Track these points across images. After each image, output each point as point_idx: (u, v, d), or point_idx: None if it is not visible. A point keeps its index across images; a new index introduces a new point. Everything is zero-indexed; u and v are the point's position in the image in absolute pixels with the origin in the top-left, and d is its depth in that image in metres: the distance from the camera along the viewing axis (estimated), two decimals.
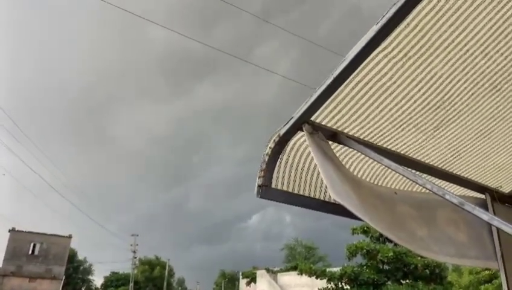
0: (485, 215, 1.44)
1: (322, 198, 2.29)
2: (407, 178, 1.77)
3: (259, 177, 2.01)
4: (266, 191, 2.05)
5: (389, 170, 2.32)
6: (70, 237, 48.14)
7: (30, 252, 44.71)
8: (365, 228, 22.83)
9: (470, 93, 1.95)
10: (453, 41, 1.67)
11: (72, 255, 59.41)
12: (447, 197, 1.52)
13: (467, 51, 1.73)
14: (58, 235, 47.10)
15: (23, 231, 45.29)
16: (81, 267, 69.32)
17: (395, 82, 1.79)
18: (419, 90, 1.86)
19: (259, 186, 2.02)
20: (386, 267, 22.23)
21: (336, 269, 23.07)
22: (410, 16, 1.50)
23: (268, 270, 37.92)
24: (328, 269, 23.80)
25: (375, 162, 2.23)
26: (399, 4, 1.42)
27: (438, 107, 1.98)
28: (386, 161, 1.76)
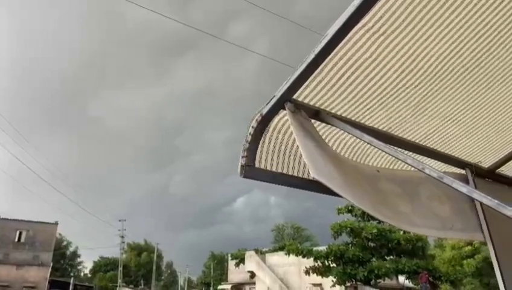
0: (464, 188, 1.47)
1: (306, 177, 2.30)
2: (389, 154, 1.79)
3: (242, 157, 2.00)
4: (250, 170, 2.05)
5: (372, 148, 2.34)
6: (56, 223, 47.82)
7: (16, 239, 44.35)
8: (350, 207, 23.23)
9: (452, 67, 1.95)
10: (434, 15, 1.66)
11: (60, 242, 59.16)
12: (427, 171, 1.54)
13: (449, 24, 1.73)
14: (44, 222, 46.72)
15: (8, 219, 44.79)
16: (68, 252, 69.08)
17: (376, 58, 1.78)
18: (400, 65, 1.86)
19: (242, 166, 2.01)
20: (371, 244, 22.73)
21: (322, 248, 23.51)
22: None
23: (257, 251, 38.41)
24: (314, 248, 24.24)
25: (358, 140, 2.24)
26: None
27: (420, 82, 1.99)
28: (368, 138, 1.77)
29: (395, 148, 2.07)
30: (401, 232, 22.01)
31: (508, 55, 1.98)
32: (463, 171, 2.67)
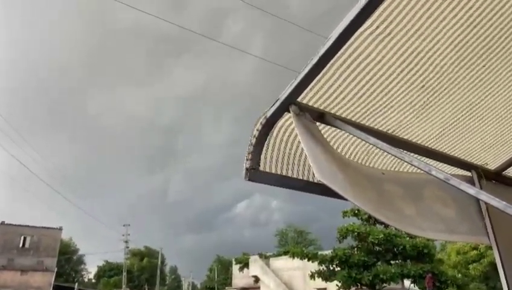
0: (472, 190, 1.45)
1: (310, 179, 2.29)
2: (394, 156, 1.78)
3: (246, 160, 2.00)
4: (254, 173, 2.04)
5: (377, 150, 2.32)
6: (60, 229, 47.92)
7: (21, 245, 44.45)
8: (356, 211, 23.12)
9: (457, 69, 1.94)
10: (438, 16, 1.65)
11: (65, 246, 59.22)
12: (433, 172, 1.53)
13: (453, 25, 1.72)
14: (48, 227, 46.82)
15: (13, 225, 44.92)
16: (74, 258, 69.15)
17: (380, 60, 1.77)
18: (405, 68, 1.85)
19: (247, 169, 2.01)
20: (376, 248, 22.59)
21: (327, 252, 23.38)
22: None
23: (261, 256, 38.27)
24: (319, 252, 24.11)
25: (363, 143, 2.23)
26: None
27: (425, 84, 1.98)
28: (373, 140, 1.76)
29: (401, 150, 2.06)
30: (408, 238, 21.87)
31: None
32: (469, 174, 2.65)
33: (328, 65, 1.72)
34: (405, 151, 2.19)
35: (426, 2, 1.59)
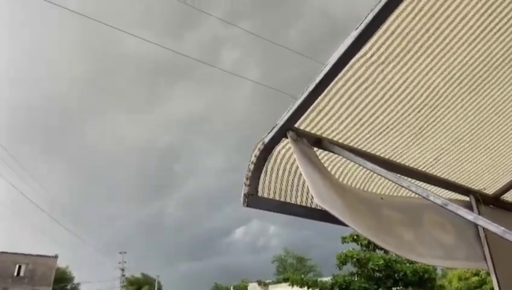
0: (470, 215, 1.45)
1: (309, 205, 2.29)
2: (392, 181, 1.78)
3: (245, 185, 2.00)
4: (253, 199, 2.04)
5: (375, 175, 2.33)
6: (56, 257, 47.10)
7: (16, 273, 43.56)
8: (355, 236, 22.85)
9: (450, 95, 1.98)
10: (430, 45, 1.70)
11: (61, 274, 57.97)
12: (431, 198, 1.53)
13: (445, 54, 1.76)
14: (44, 255, 46.01)
15: (7, 252, 44.15)
16: (69, 287, 67.59)
17: (376, 87, 1.81)
18: (400, 94, 1.88)
19: (245, 195, 2.01)
20: (377, 274, 22.22)
21: (327, 279, 22.98)
22: (388, 22, 1.53)
23: (260, 283, 37.58)
24: (319, 279, 23.69)
25: (361, 168, 2.24)
26: (376, 10, 1.44)
27: (420, 110, 2.01)
28: (370, 165, 1.77)
29: (398, 175, 2.07)
30: (408, 263, 21.56)
31: (507, 82, 2.00)
32: (467, 198, 2.64)
33: (325, 91, 1.75)
34: (402, 176, 2.20)
35: (418, 33, 1.63)
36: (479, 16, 1.67)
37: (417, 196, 1.78)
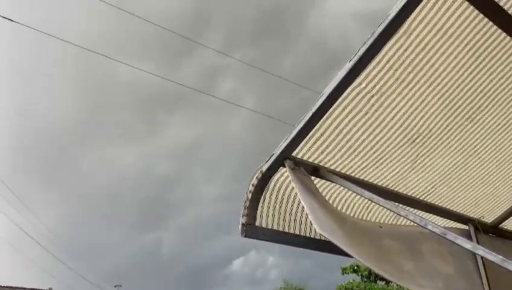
0: (468, 245, 1.45)
1: (308, 235, 2.27)
2: (390, 210, 1.79)
3: (242, 215, 1.99)
4: (250, 229, 2.02)
5: (373, 203, 2.33)
6: None
7: None
8: (355, 267, 22.46)
9: (444, 125, 2.01)
10: (422, 76, 1.74)
11: None
12: (430, 227, 1.53)
13: (437, 84, 1.80)
14: (37, 289, 44.89)
15: (2, 286, 43.09)
16: None
17: (371, 116, 1.84)
18: (395, 123, 1.91)
19: (243, 225, 1.99)
20: None
21: None
22: (381, 54, 1.58)
23: None
24: None
25: (359, 196, 2.24)
26: (369, 43, 1.49)
27: (415, 139, 2.03)
28: (368, 194, 1.78)
29: (396, 204, 2.07)
30: None
31: (500, 110, 2.04)
32: (466, 227, 2.63)
33: (321, 121, 1.78)
34: (400, 205, 2.20)
35: (410, 65, 1.68)
36: (469, 48, 1.73)
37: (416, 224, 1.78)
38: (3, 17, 11.44)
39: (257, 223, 2.06)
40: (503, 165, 2.37)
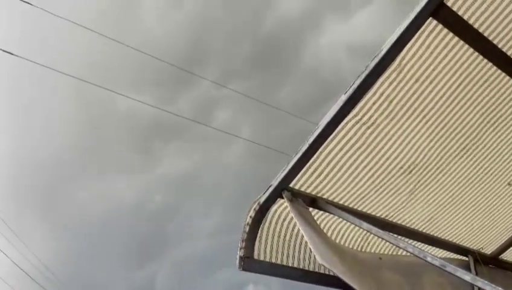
0: (468, 276, 1.44)
1: (306, 267, 2.23)
2: (389, 242, 1.77)
3: (240, 248, 1.96)
4: (248, 262, 1.99)
5: (372, 235, 2.31)
6: None
7: None
8: None
9: (439, 157, 2.02)
10: (416, 108, 1.78)
11: None
12: (429, 259, 1.52)
13: (431, 116, 1.83)
14: None
15: None
16: None
17: (367, 147, 1.85)
18: (391, 154, 1.93)
19: (241, 257, 1.96)
20: None
21: None
22: (375, 86, 1.61)
23: None
24: None
25: (357, 227, 2.22)
26: (363, 76, 1.53)
27: (411, 170, 2.04)
28: (366, 225, 1.77)
29: (395, 235, 2.05)
30: None
31: (493, 142, 2.07)
32: (466, 258, 2.60)
33: (318, 152, 1.79)
34: (399, 237, 2.18)
35: (403, 97, 1.72)
36: (461, 80, 1.77)
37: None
38: (3, 50, 11.61)
39: (255, 256, 2.03)
40: (500, 196, 2.37)
